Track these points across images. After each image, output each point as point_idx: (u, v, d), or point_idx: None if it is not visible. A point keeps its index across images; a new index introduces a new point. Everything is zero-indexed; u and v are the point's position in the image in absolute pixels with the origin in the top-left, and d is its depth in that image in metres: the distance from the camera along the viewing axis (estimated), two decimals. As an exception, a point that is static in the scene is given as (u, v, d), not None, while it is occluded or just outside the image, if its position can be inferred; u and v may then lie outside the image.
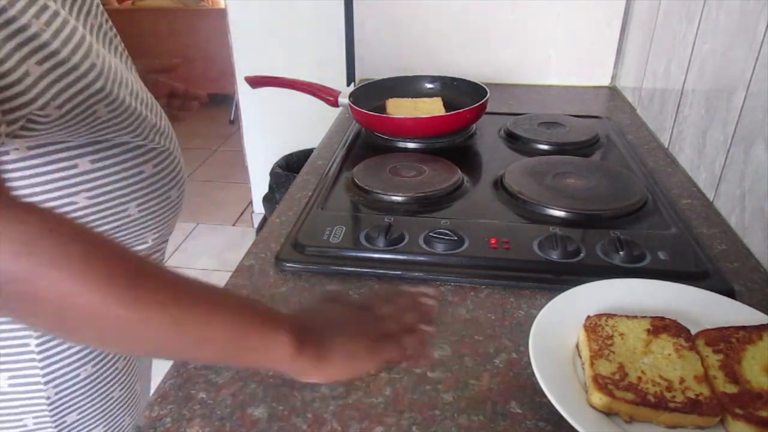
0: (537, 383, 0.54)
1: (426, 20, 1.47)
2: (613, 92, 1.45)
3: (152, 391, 0.58)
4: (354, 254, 0.71)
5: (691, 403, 0.47)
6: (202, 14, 3.96)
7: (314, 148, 1.13)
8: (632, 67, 1.36)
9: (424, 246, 0.73)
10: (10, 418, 0.68)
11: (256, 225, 2.64)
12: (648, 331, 0.55)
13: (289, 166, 2.31)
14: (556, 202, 0.82)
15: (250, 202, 2.72)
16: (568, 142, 1.07)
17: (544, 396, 0.53)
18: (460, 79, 1.24)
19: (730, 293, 0.66)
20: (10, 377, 0.66)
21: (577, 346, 0.57)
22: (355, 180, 0.90)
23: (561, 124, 1.14)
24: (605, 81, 1.49)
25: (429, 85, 1.27)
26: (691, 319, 0.58)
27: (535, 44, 1.46)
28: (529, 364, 0.56)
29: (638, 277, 0.67)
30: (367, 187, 0.88)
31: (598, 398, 0.48)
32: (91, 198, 0.63)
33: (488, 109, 1.11)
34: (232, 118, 3.89)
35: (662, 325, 0.56)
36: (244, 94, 2.40)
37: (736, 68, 0.82)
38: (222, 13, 2.38)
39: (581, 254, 0.70)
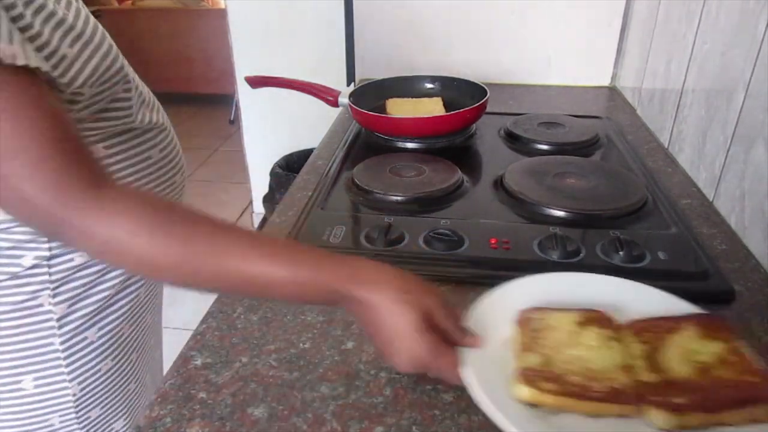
0: (537, 383, 0.54)
1: (426, 20, 1.47)
2: (613, 92, 1.45)
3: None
4: (354, 254, 0.71)
5: (611, 393, 0.48)
6: (202, 14, 3.96)
7: (314, 148, 1.13)
8: (632, 67, 1.36)
9: (424, 246, 0.73)
10: (37, 419, 0.68)
11: (256, 225, 2.64)
12: (577, 323, 0.55)
13: (289, 166, 2.31)
14: (556, 202, 0.82)
15: (250, 202, 2.72)
16: (568, 142, 1.07)
17: (544, 396, 0.53)
18: (460, 79, 1.24)
19: (730, 293, 0.66)
20: (36, 378, 0.66)
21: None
22: (355, 180, 0.90)
23: (561, 124, 1.14)
24: (605, 81, 1.49)
25: (429, 85, 1.27)
26: (623, 311, 0.58)
27: (535, 44, 1.46)
28: (529, 364, 0.57)
29: (638, 277, 0.67)
30: (367, 187, 0.88)
31: (523, 390, 0.48)
32: None
33: (488, 109, 1.11)
34: (232, 118, 3.89)
35: (592, 317, 0.56)
36: (244, 94, 2.40)
37: (736, 68, 0.82)
38: (222, 13, 2.38)
39: (581, 254, 0.70)
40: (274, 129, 2.45)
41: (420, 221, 0.79)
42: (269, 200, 2.32)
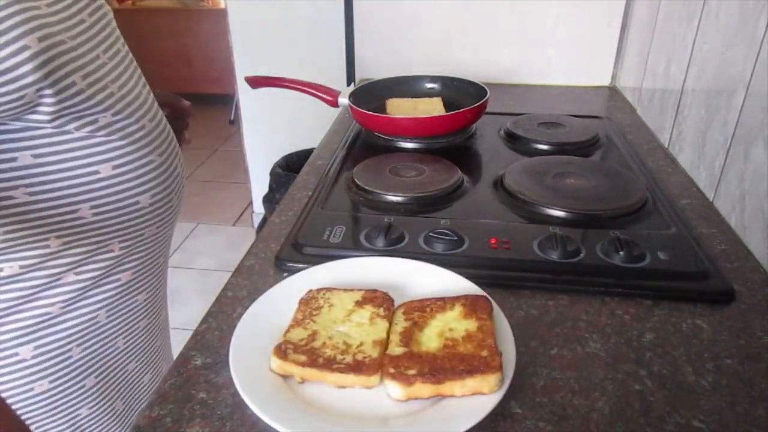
0: (537, 383, 0.54)
1: (426, 20, 1.47)
2: (613, 92, 1.45)
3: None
4: (354, 254, 0.71)
5: (354, 365, 0.52)
6: (202, 14, 3.96)
7: (314, 148, 1.13)
8: (632, 67, 1.36)
9: (424, 246, 0.73)
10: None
11: (256, 225, 2.64)
12: (357, 302, 0.60)
13: (289, 166, 2.31)
14: (556, 202, 0.82)
15: (250, 202, 2.72)
16: (568, 142, 1.07)
17: (545, 396, 0.53)
18: (460, 79, 1.24)
19: (729, 293, 0.66)
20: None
21: None
22: (355, 180, 0.90)
23: (561, 124, 1.14)
24: (605, 81, 1.49)
25: (429, 85, 1.27)
26: (411, 293, 0.63)
27: (535, 44, 1.46)
28: (529, 363, 0.57)
29: (638, 277, 0.67)
30: (367, 187, 0.88)
31: (273, 362, 0.53)
32: (30, 195, 0.59)
33: (488, 109, 1.11)
34: (232, 118, 3.89)
35: (371, 297, 0.61)
36: (244, 94, 2.40)
37: (736, 68, 0.82)
38: (222, 13, 2.39)
39: (581, 254, 0.70)
40: (274, 129, 2.45)
41: (420, 221, 0.79)
42: (269, 200, 2.32)
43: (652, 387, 0.54)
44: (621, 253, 0.69)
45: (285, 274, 0.70)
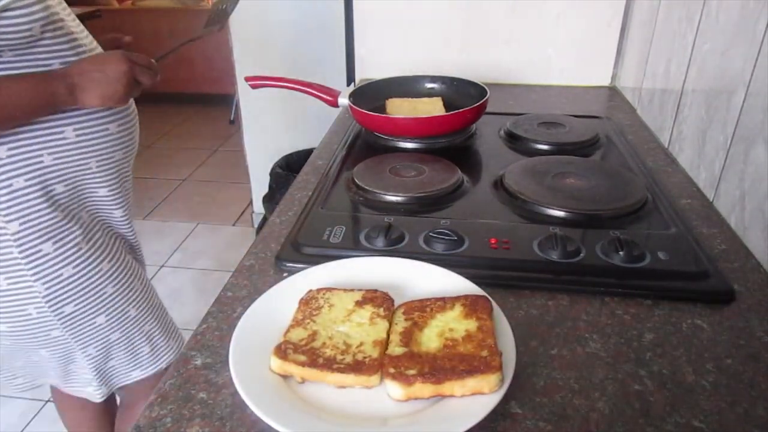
0: (537, 383, 0.54)
1: (426, 20, 1.47)
2: (613, 92, 1.45)
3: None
4: (354, 254, 0.71)
5: (354, 365, 0.52)
6: (202, 14, 3.95)
7: (314, 148, 1.13)
8: (632, 67, 1.36)
9: (424, 246, 0.73)
10: (16, 309, 0.87)
11: (256, 225, 2.64)
12: (357, 302, 0.60)
13: (289, 166, 2.31)
14: (556, 202, 0.82)
15: (250, 202, 2.72)
16: (568, 142, 1.06)
17: (545, 396, 0.53)
18: (460, 79, 1.24)
19: (730, 293, 0.66)
20: (6, 278, 0.84)
21: None
22: (355, 180, 0.90)
23: (561, 124, 1.14)
24: (605, 81, 1.49)
25: (429, 85, 1.27)
26: (411, 293, 0.63)
27: (535, 44, 1.46)
28: (529, 364, 0.57)
29: (638, 277, 0.67)
30: (367, 187, 0.88)
31: (273, 362, 0.53)
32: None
33: (488, 109, 1.11)
34: (232, 118, 3.89)
35: (371, 297, 0.61)
36: (244, 94, 2.40)
37: (736, 68, 0.82)
38: (222, 13, 2.38)
39: (581, 254, 0.70)
40: (274, 129, 2.45)
41: (420, 221, 0.79)
42: (269, 200, 2.32)
43: (652, 387, 0.54)
44: (621, 253, 0.69)
45: (285, 274, 0.70)
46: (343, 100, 1.16)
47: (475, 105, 1.06)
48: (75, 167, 0.86)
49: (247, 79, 1.21)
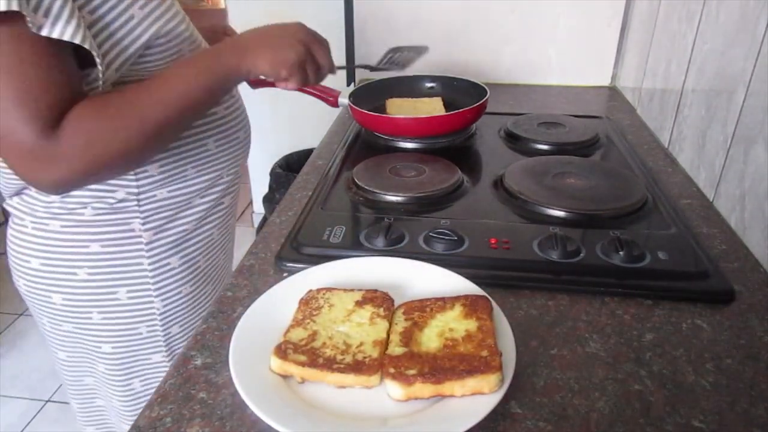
0: (537, 383, 0.54)
1: (426, 20, 1.47)
2: (613, 92, 1.45)
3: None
4: (354, 254, 0.71)
5: (354, 365, 0.52)
6: (202, 14, 3.95)
7: (314, 148, 1.13)
8: (632, 67, 1.36)
9: (424, 246, 0.73)
10: (129, 326, 0.82)
11: (256, 225, 2.64)
12: (357, 302, 0.60)
13: (289, 166, 2.31)
14: (556, 202, 0.82)
15: (250, 202, 2.72)
16: (568, 142, 1.06)
17: (545, 396, 0.53)
18: (461, 79, 1.24)
19: (730, 293, 0.66)
20: (128, 291, 0.80)
21: None
22: (355, 180, 0.90)
23: (561, 124, 1.14)
24: (605, 81, 1.49)
25: (429, 85, 1.27)
26: (411, 293, 0.63)
27: (535, 44, 1.46)
28: (529, 364, 0.57)
29: (638, 277, 0.67)
30: (367, 187, 0.88)
31: (273, 362, 0.53)
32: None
33: (488, 109, 1.11)
34: (232, 118, 3.88)
35: (371, 297, 0.61)
36: (244, 94, 2.40)
37: (736, 68, 0.82)
38: (222, 13, 2.38)
39: (581, 254, 0.70)
40: (274, 129, 2.45)
41: (420, 221, 0.79)
42: (269, 200, 2.32)
43: (652, 387, 0.54)
44: (621, 253, 0.69)
45: (285, 274, 0.70)
46: (343, 100, 1.15)
47: (475, 105, 1.06)
48: (212, 178, 0.83)
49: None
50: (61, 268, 0.77)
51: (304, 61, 0.73)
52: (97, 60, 0.61)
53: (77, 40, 0.58)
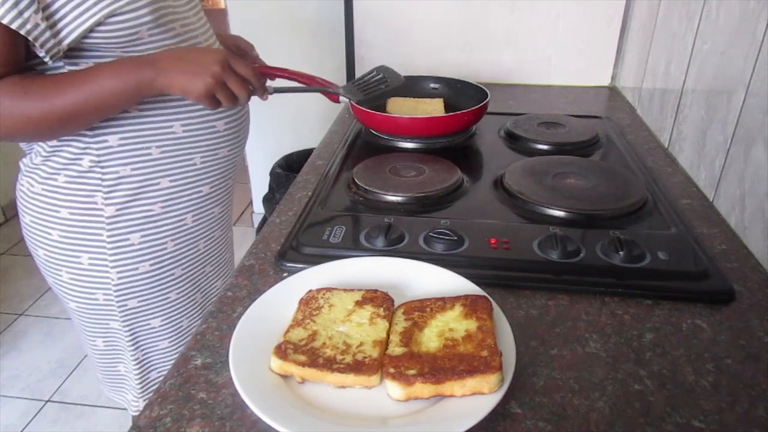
0: (537, 383, 0.54)
1: (426, 20, 1.47)
2: (613, 92, 1.45)
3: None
4: (354, 254, 0.71)
5: (354, 365, 0.52)
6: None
7: (314, 148, 1.13)
8: (632, 67, 1.36)
9: (424, 246, 0.73)
10: (88, 291, 0.88)
11: (256, 225, 2.64)
12: (357, 302, 0.60)
13: (289, 166, 2.31)
14: (556, 202, 0.82)
15: (250, 202, 2.72)
16: (568, 142, 1.07)
17: (544, 396, 0.53)
18: (464, 81, 1.24)
19: (729, 293, 0.66)
20: (89, 257, 0.86)
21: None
22: (355, 180, 0.90)
23: (561, 124, 1.14)
24: (605, 81, 1.49)
25: (433, 86, 1.27)
26: (411, 293, 0.63)
27: (535, 44, 1.46)
28: (529, 364, 0.57)
29: (638, 277, 0.67)
30: (367, 187, 0.88)
31: (273, 362, 0.53)
32: (140, 110, 0.80)
33: (488, 110, 1.11)
34: (232, 118, 3.88)
35: (371, 297, 0.61)
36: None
37: (736, 68, 0.82)
38: (222, 13, 2.38)
39: (581, 254, 0.70)
40: (274, 129, 2.45)
41: (420, 221, 0.79)
42: (269, 200, 2.32)
43: (652, 387, 0.54)
44: (621, 253, 0.69)
45: (285, 274, 0.70)
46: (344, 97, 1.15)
47: (476, 107, 1.06)
48: (180, 162, 0.86)
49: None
50: (41, 226, 0.85)
51: (212, 91, 0.75)
52: (32, 43, 0.68)
53: (5, 21, 0.65)
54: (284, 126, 2.43)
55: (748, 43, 0.79)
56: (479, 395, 0.49)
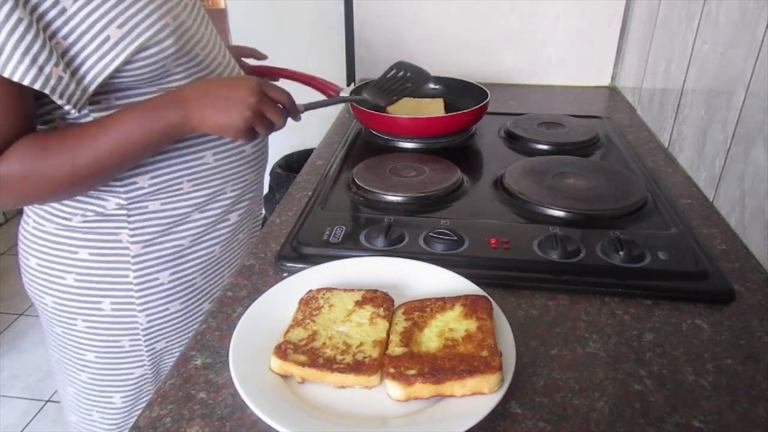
0: (537, 383, 0.54)
1: (426, 20, 1.47)
2: (613, 92, 1.45)
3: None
4: (354, 254, 0.71)
5: (354, 365, 0.52)
6: (202, 14, 3.95)
7: (314, 148, 1.13)
8: (632, 67, 1.36)
9: (424, 246, 0.73)
10: (112, 338, 0.81)
11: (256, 225, 2.64)
12: (357, 302, 0.60)
13: (289, 166, 2.31)
14: (556, 202, 0.82)
15: (250, 202, 2.72)
16: (568, 142, 1.07)
17: (544, 396, 0.53)
18: (465, 81, 1.24)
19: (729, 293, 0.66)
20: (112, 302, 0.78)
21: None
22: (355, 180, 0.90)
23: (561, 124, 1.14)
24: (605, 81, 1.49)
25: (432, 86, 1.27)
26: (411, 293, 0.63)
27: (535, 44, 1.46)
28: (529, 364, 0.57)
29: (638, 277, 0.67)
30: (367, 187, 0.88)
31: (273, 362, 0.53)
32: (173, 142, 0.74)
33: (488, 110, 1.11)
34: (232, 118, 3.88)
35: (371, 297, 0.61)
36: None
37: (736, 68, 0.82)
38: (222, 13, 2.38)
39: (581, 254, 0.70)
40: (274, 129, 2.45)
41: (420, 221, 0.79)
42: (269, 200, 2.32)
43: (652, 387, 0.54)
44: (621, 253, 0.69)
45: (285, 274, 0.70)
46: (345, 96, 1.15)
47: (476, 107, 1.06)
48: (212, 192, 0.80)
49: (251, 69, 1.21)
50: (52, 270, 0.77)
51: (251, 124, 0.70)
52: (56, 98, 0.62)
53: (26, 82, 0.59)
54: (284, 126, 2.43)
55: (748, 43, 0.79)
56: (479, 395, 0.49)
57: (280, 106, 0.74)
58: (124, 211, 0.75)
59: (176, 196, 0.77)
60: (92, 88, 0.65)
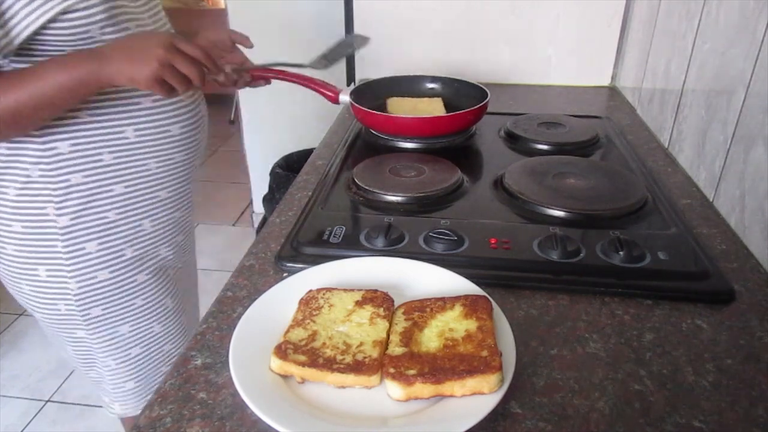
0: (537, 383, 0.54)
1: (426, 20, 1.47)
2: (613, 92, 1.45)
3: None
4: (354, 254, 0.71)
5: (354, 365, 0.52)
6: (202, 14, 3.95)
7: (314, 148, 1.13)
8: (632, 67, 1.36)
9: (424, 246, 0.73)
10: (48, 301, 0.88)
11: (256, 225, 2.64)
12: (357, 302, 0.60)
13: (289, 166, 2.31)
14: (556, 202, 0.82)
15: (250, 202, 2.72)
16: (568, 142, 1.06)
17: (544, 396, 0.53)
18: (462, 80, 1.24)
19: (729, 293, 0.66)
20: (47, 269, 0.85)
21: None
22: (355, 180, 0.90)
23: (561, 124, 1.14)
24: (605, 81, 1.49)
25: (430, 85, 1.27)
26: (411, 293, 0.63)
27: (535, 44, 1.46)
28: (529, 364, 0.57)
29: (638, 277, 0.67)
30: (367, 187, 0.88)
31: (273, 362, 0.53)
32: (91, 114, 0.79)
33: (488, 110, 1.11)
34: (232, 118, 3.88)
35: (371, 297, 0.61)
36: (244, 94, 2.40)
37: (736, 68, 0.82)
38: (222, 13, 2.38)
39: (581, 254, 0.70)
40: (274, 129, 2.45)
41: (420, 221, 0.79)
42: (269, 200, 2.32)
43: (652, 387, 0.54)
44: (621, 253, 0.69)
45: (285, 274, 0.70)
46: (345, 97, 1.15)
47: (476, 107, 1.06)
48: (134, 168, 0.85)
49: (250, 71, 1.21)
50: None
51: (160, 75, 0.72)
52: None
53: None
54: (284, 126, 2.43)
55: (748, 43, 0.79)
56: (479, 395, 0.49)
57: (197, 62, 0.76)
58: (49, 184, 0.80)
59: (97, 168, 0.82)
60: (17, 41, 0.69)
